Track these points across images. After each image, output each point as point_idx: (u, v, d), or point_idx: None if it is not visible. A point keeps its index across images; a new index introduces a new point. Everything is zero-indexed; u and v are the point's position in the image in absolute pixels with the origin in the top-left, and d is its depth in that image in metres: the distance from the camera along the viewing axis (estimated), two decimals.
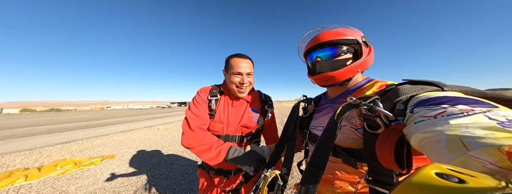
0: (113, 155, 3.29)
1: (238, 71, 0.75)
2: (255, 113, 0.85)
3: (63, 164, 2.72)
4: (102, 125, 8.43)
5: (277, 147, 0.62)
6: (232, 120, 0.80)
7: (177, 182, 2.20)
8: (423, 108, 0.29)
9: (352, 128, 0.44)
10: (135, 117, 14.32)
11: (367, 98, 0.37)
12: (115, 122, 10.10)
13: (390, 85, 0.42)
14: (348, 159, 0.43)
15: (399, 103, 0.34)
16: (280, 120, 8.10)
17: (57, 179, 2.28)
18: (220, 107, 0.82)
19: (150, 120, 10.83)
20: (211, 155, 0.66)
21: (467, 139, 0.21)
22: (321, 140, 0.39)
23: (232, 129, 0.80)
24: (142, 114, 19.94)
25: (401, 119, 0.32)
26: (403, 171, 0.32)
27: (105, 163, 2.88)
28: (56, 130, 7.19)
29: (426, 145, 0.26)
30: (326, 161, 0.36)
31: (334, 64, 0.49)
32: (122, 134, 5.51)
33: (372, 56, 0.49)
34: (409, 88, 0.35)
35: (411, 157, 0.32)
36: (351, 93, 0.50)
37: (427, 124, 0.26)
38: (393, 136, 0.32)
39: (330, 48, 0.50)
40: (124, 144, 4.21)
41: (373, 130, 0.37)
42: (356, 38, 0.48)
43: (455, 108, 0.25)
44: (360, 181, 0.42)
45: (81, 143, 4.40)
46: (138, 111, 37.17)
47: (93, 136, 5.27)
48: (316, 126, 0.58)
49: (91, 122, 10.56)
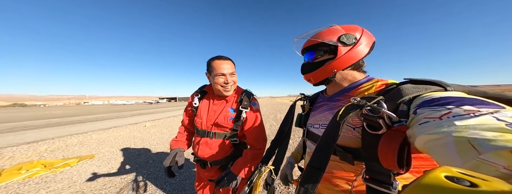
0: (92, 155, 2.99)
1: (221, 72, 0.81)
2: (232, 112, 0.88)
3: (30, 166, 2.37)
4: (79, 122, 7.61)
5: (273, 143, 0.67)
6: (210, 117, 0.88)
7: (167, 181, 2.08)
8: (427, 109, 0.29)
9: (350, 127, 0.43)
10: (118, 113, 13.19)
11: (371, 99, 0.36)
12: (94, 118, 9.20)
13: (391, 85, 0.41)
14: (345, 155, 0.43)
15: (402, 103, 0.34)
16: (274, 115, 8.22)
17: (23, 184, 1.99)
18: (202, 105, 0.92)
19: (136, 116, 10.09)
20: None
21: (477, 141, 0.20)
22: (322, 141, 0.39)
23: (208, 124, 0.88)
24: (126, 110, 18.47)
25: (404, 121, 0.32)
26: (402, 171, 0.32)
27: (83, 164, 2.60)
28: (21, 127, 6.30)
29: (433, 147, 0.25)
30: (327, 162, 0.36)
31: (312, 67, 0.53)
32: (102, 132, 5.04)
33: (353, 54, 0.47)
34: (411, 89, 0.34)
35: (410, 158, 0.32)
36: (349, 92, 0.50)
37: (432, 126, 0.26)
38: (396, 138, 0.32)
39: (309, 53, 0.54)
40: (105, 142, 3.85)
41: (373, 130, 0.36)
42: (326, 41, 0.48)
43: (460, 109, 0.25)
44: (356, 179, 0.42)
45: (52, 142, 3.91)
46: (121, 106, 34.42)
47: (67, 134, 4.72)
48: (313, 124, 0.58)
49: (65, 118, 9.48)
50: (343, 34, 0.47)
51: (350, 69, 0.51)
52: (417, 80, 0.37)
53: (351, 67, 0.50)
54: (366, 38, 0.48)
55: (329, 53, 0.50)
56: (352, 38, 0.47)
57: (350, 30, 0.48)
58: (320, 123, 0.54)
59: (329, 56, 0.50)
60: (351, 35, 0.47)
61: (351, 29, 0.49)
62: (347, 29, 0.48)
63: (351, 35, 0.47)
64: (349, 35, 0.47)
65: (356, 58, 0.47)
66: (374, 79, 0.48)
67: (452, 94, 0.30)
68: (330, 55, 0.50)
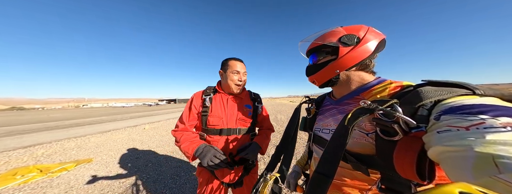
0: (90, 158, 2.93)
1: (237, 70, 0.88)
2: (249, 108, 0.96)
3: (25, 171, 2.31)
4: (77, 125, 7.54)
5: (279, 148, 0.64)
6: (230, 114, 0.90)
7: (167, 185, 2.03)
8: (453, 116, 0.26)
9: (362, 132, 0.40)
10: (117, 115, 13.13)
11: (383, 102, 0.33)
12: (93, 121, 9.12)
13: (407, 87, 0.38)
14: (359, 166, 0.40)
15: (422, 107, 0.30)
16: (274, 116, 8.21)
17: (18, 190, 1.94)
18: (216, 104, 0.91)
19: (135, 119, 10.00)
20: (184, 149, 0.80)
21: (502, 159, 0.18)
22: (330, 146, 0.36)
23: (232, 122, 0.89)
24: (125, 112, 18.31)
25: (424, 126, 0.29)
26: (424, 182, 0.29)
27: (81, 168, 2.54)
28: (18, 131, 6.22)
29: (447, 159, 0.23)
30: (336, 169, 0.34)
31: (315, 68, 0.53)
32: (101, 135, 4.97)
33: (356, 53, 0.45)
34: (433, 91, 0.31)
35: (434, 167, 0.29)
36: (358, 94, 0.47)
37: (454, 136, 0.23)
38: (415, 145, 0.29)
39: (313, 55, 0.54)
40: (104, 145, 3.79)
41: (388, 136, 0.33)
42: (326, 43, 0.48)
43: (496, 120, 0.22)
44: (371, 188, 0.39)
45: (49, 146, 3.84)
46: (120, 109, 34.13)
47: (65, 138, 4.65)
48: (321, 128, 0.56)
49: (63, 121, 9.40)
50: (344, 35, 0.46)
51: (355, 69, 0.48)
52: (438, 82, 0.34)
53: (357, 67, 0.48)
54: (371, 37, 0.46)
55: (331, 55, 0.49)
56: (354, 38, 0.46)
57: (352, 31, 0.47)
58: (330, 128, 0.52)
59: (331, 57, 0.49)
60: (353, 35, 0.46)
61: (354, 30, 0.47)
62: (349, 30, 0.48)
63: (353, 35, 0.46)
64: (350, 35, 0.46)
65: (360, 57, 0.45)
66: (386, 81, 0.45)
67: (486, 101, 0.26)
68: (332, 57, 0.49)
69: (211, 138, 0.88)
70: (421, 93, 0.32)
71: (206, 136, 0.89)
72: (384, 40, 0.48)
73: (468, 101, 0.27)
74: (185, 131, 0.87)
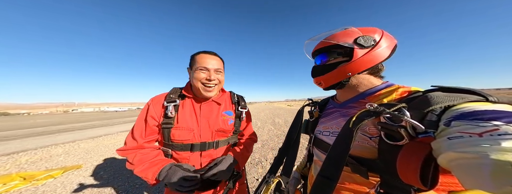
0: (79, 165, 2.77)
1: (204, 66, 0.68)
2: (229, 115, 0.79)
3: (7, 180, 2.15)
4: (66, 131, 7.18)
5: (281, 152, 0.63)
6: (204, 125, 0.72)
7: (161, 191, 1.94)
8: (465, 122, 0.25)
9: (365, 136, 0.39)
10: (109, 120, 12.66)
11: (391, 105, 0.33)
12: (83, 126, 8.72)
13: (415, 92, 0.37)
14: (358, 168, 0.39)
15: (431, 113, 0.30)
16: (272, 120, 8.15)
17: None
18: (185, 113, 0.71)
19: (129, 123, 9.70)
20: (143, 175, 0.60)
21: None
22: (334, 149, 0.36)
23: (207, 135, 0.72)
24: (118, 117, 17.76)
25: (432, 132, 0.29)
26: (426, 188, 0.28)
27: (69, 175, 2.39)
28: (1, 137, 5.83)
29: (461, 166, 0.22)
30: (340, 172, 0.33)
31: (324, 69, 0.50)
32: (91, 141, 4.75)
33: (371, 57, 0.44)
34: (443, 97, 0.30)
35: (438, 174, 0.28)
36: (364, 98, 0.46)
37: (467, 142, 0.23)
38: (420, 151, 0.28)
39: (321, 55, 0.51)
40: (94, 151, 3.61)
41: (392, 140, 0.33)
42: (340, 43, 0.45)
43: (511, 127, 0.21)
44: (369, 192, 0.39)
45: (34, 153, 3.62)
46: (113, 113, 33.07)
47: (52, 144, 4.40)
48: (322, 131, 0.55)
49: (50, 127, 8.93)
50: (361, 36, 0.44)
51: (366, 73, 0.47)
52: (449, 88, 0.33)
53: (368, 71, 0.46)
54: (386, 40, 0.45)
55: (344, 56, 0.46)
56: (370, 40, 0.43)
57: (368, 32, 0.45)
58: (331, 130, 0.51)
59: (344, 59, 0.46)
60: (370, 37, 0.44)
61: (370, 31, 0.45)
62: (365, 31, 0.45)
63: (370, 37, 0.44)
64: (367, 37, 0.44)
65: (374, 61, 0.44)
66: (394, 85, 0.43)
67: (499, 107, 0.25)
68: (344, 58, 0.46)
69: (179, 154, 0.69)
70: (431, 99, 0.31)
71: (171, 152, 0.69)
72: (396, 46, 0.47)
73: (480, 107, 0.26)
74: (139, 149, 0.65)
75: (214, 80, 0.70)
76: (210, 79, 0.69)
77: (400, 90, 0.41)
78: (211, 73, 0.69)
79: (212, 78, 0.69)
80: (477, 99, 0.29)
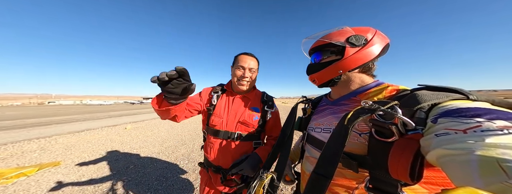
0: (57, 162, 2.56)
1: (241, 65, 0.80)
2: (256, 112, 0.85)
3: None
4: (40, 125, 6.56)
5: (275, 148, 0.64)
6: (231, 115, 0.82)
7: (152, 187, 1.87)
8: (450, 119, 0.26)
9: (355, 132, 0.41)
10: (92, 114, 11.79)
11: (384, 103, 0.34)
12: (62, 120, 8.03)
13: (403, 91, 0.40)
14: (349, 162, 0.41)
15: (419, 110, 0.31)
16: None
17: None
18: (221, 103, 0.85)
19: (114, 118, 9.09)
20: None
21: (508, 163, 0.18)
22: (329, 146, 0.37)
23: (231, 125, 0.81)
24: (102, 110, 16.62)
25: (421, 129, 0.30)
26: (413, 182, 0.30)
27: (45, 173, 2.20)
28: None
29: (449, 163, 0.23)
30: (335, 169, 0.34)
31: (318, 67, 0.52)
32: (71, 136, 4.40)
33: (361, 55, 0.45)
34: (430, 95, 0.32)
35: (423, 168, 0.30)
36: (356, 96, 0.48)
37: (453, 139, 0.24)
38: (410, 147, 0.30)
39: (316, 54, 0.53)
40: (75, 147, 3.36)
41: (382, 137, 0.34)
42: (333, 41, 0.47)
43: (492, 123, 0.22)
44: (358, 187, 0.40)
45: (3, 148, 3.26)
46: (97, 107, 30.75)
47: (24, 139, 4.00)
48: (314, 128, 0.57)
49: (23, 120, 8.09)
50: (353, 35, 0.46)
51: (358, 71, 0.49)
52: (435, 87, 0.36)
53: (360, 69, 0.48)
54: (378, 39, 0.46)
55: (336, 54, 0.48)
56: (362, 39, 0.45)
57: (361, 32, 0.47)
58: (322, 127, 0.52)
59: (336, 57, 0.48)
60: (361, 36, 0.46)
61: (362, 31, 0.47)
62: (358, 31, 0.47)
63: (361, 37, 0.46)
64: (359, 36, 0.46)
65: (364, 59, 0.46)
66: (384, 84, 0.46)
67: (480, 105, 0.28)
68: (337, 56, 0.48)
69: (209, 138, 0.83)
70: (419, 97, 0.32)
71: (207, 135, 0.85)
72: (388, 45, 0.48)
73: (463, 105, 0.28)
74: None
75: (247, 77, 0.81)
76: (244, 76, 0.80)
77: (389, 88, 0.43)
78: (245, 72, 0.80)
79: (245, 76, 0.80)
80: (460, 97, 0.31)
